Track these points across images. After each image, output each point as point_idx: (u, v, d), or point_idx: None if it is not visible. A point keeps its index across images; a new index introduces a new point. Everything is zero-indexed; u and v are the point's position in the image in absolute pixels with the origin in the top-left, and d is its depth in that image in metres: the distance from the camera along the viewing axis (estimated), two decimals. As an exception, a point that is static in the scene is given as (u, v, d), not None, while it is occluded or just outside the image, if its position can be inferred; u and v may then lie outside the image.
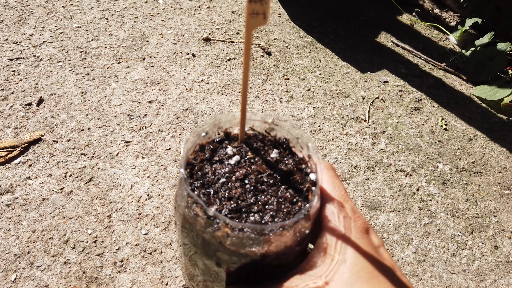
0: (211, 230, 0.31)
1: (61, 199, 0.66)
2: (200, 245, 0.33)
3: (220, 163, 0.36)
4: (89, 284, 0.58)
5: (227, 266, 0.33)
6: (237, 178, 0.34)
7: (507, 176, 0.80)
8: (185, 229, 0.34)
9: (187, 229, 0.34)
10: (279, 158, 0.37)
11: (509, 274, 0.65)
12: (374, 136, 0.84)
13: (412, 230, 0.69)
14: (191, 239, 0.34)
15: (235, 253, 0.31)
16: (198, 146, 0.38)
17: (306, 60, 1.00)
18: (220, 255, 0.32)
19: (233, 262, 0.32)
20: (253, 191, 0.34)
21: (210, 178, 0.35)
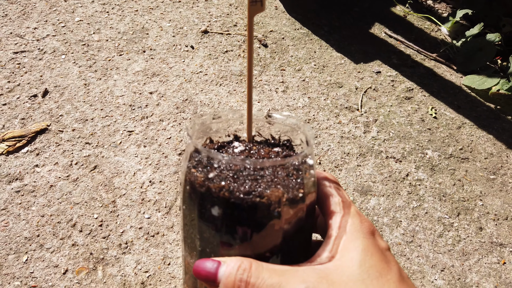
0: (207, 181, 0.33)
1: (67, 185, 0.70)
2: (197, 204, 0.35)
3: (226, 152, 0.39)
4: (96, 264, 0.61)
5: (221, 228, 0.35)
6: (239, 160, 0.37)
7: (493, 162, 0.84)
8: (185, 196, 0.37)
9: (187, 193, 0.36)
10: (280, 151, 0.40)
11: (492, 254, 0.69)
12: (366, 125, 0.88)
13: (401, 213, 0.73)
14: (191, 202, 0.36)
15: (227, 203, 0.33)
16: (208, 140, 0.41)
17: (301, 51, 1.03)
18: (215, 211, 0.34)
19: (226, 219, 0.34)
20: (253, 167, 0.36)
21: (214, 158, 0.38)
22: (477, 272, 0.66)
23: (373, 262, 0.32)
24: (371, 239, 0.35)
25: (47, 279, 0.59)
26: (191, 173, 0.35)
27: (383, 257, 0.33)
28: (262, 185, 0.33)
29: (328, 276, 0.31)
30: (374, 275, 0.31)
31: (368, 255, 0.33)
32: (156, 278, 0.61)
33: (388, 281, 0.31)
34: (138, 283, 0.60)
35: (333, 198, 0.38)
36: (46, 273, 0.59)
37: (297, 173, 0.36)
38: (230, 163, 0.34)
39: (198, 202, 0.35)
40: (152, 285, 0.60)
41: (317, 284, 0.30)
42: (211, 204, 0.34)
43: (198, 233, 0.37)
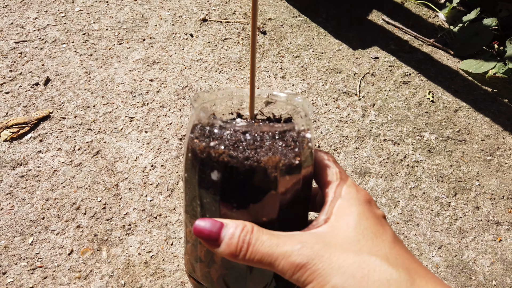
0: (208, 147, 0.35)
1: (71, 170, 0.71)
2: (198, 171, 0.36)
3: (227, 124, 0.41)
4: (100, 245, 0.63)
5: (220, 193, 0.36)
6: (240, 131, 0.38)
7: (489, 144, 0.85)
8: (187, 163, 0.38)
9: (189, 161, 0.38)
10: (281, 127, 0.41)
11: (489, 232, 0.71)
12: (364, 109, 0.89)
13: (399, 193, 0.74)
14: (192, 169, 0.38)
15: (226, 167, 0.34)
16: (212, 116, 0.42)
17: (300, 38, 1.04)
18: (214, 175, 0.35)
19: (225, 184, 0.36)
20: (252, 138, 0.37)
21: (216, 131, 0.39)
22: (473, 249, 0.68)
23: (368, 225, 0.33)
24: (367, 206, 0.36)
25: (52, 259, 0.60)
26: (193, 142, 0.37)
27: (378, 221, 0.35)
28: (260, 152, 0.35)
29: (324, 237, 0.33)
30: (369, 236, 0.32)
31: (364, 219, 0.34)
32: (159, 257, 0.62)
33: (383, 241, 0.32)
34: (142, 262, 0.61)
35: (330, 169, 0.39)
36: (52, 254, 0.61)
37: (295, 143, 0.37)
38: (231, 130, 0.35)
39: (199, 167, 0.36)
40: (155, 264, 0.61)
41: (313, 244, 0.31)
42: (210, 169, 0.35)
43: (198, 199, 0.38)
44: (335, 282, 0.29)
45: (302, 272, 0.30)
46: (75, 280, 0.58)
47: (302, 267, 0.30)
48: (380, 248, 0.31)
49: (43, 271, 0.59)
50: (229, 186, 0.35)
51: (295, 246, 0.31)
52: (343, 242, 0.32)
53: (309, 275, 0.30)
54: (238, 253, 0.33)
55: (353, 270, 0.29)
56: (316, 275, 0.30)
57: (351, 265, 0.29)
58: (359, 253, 0.30)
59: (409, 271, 0.30)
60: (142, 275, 0.60)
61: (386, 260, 0.30)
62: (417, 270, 0.31)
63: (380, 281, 0.28)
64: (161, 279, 0.60)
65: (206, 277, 0.46)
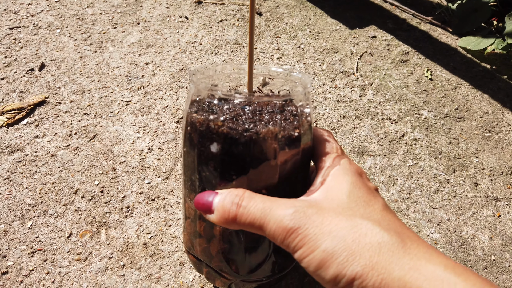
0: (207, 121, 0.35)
1: (68, 154, 0.71)
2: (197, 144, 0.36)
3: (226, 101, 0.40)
4: (99, 228, 0.63)
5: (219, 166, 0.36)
6: (239, 105, 0.38)
7: (488, 120, 0.85)
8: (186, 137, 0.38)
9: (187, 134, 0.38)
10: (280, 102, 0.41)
11: (487, 207, 0.70)
12: (362, 88, 0.88)
13: (397, 171, 0.74)
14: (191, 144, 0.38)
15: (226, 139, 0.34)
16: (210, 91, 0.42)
17: (296, 19, 1.03)
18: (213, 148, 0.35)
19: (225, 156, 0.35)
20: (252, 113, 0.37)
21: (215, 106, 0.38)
22: (472, 225, 0.68)
23: (361, 194, 0.34)
24: (360, 177, 0.36)
25: (52, 242, 0.61)
26: (192, 115, 0.37)
27: (370, 191, 0.35)
28: (259, 125, 0.34)
29: (318, 203, 0.33)
30: (361, 204, 0.33)
31: (356, 188, 0.34)
32: (158, 239, 0.62)
33: (374, 209, 0.33)
34: (141, 244, 0.61)
35: (328, 144, 0.40)
36: (51, 237, 0.61)
37: (294, 117, 0.37)
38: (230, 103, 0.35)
39: (198, 140, 0.36)
40: (154, 245, 0.61)
41: (306, 209, 0.31)
42: (210, 141, 0.35)
43: (197, 173, 0.38)
44: (325, 246, 0.29)
45: (294, 237, 0.30)
46: (75, 262, 0.59)
47: (294, 232, 0.30)
48: (372, 214, 0.31)
49: (42, 254, 0.59)
50: (229, 158, 0.35)
51: (288, 210, 0.31)
52: (336, 207, 0.32)
53: (300, 240, 0.30)
54: (228, 216, 0.33)
55: (345, 233, 0.29)
56: (307, 240, 0.30)
57: (343, 229, 0.29)
58: (352, 218, 0.30)
59: (401, 235, 0.30)
60: (141, 256, 0.60)
61: (378, 224, 0.30)
62: (408, 234, 0.31)
63: (371, 243, 0.28)
64: (160, 260, 0.60)
65: (205, 252, 0.46)
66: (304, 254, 0.30)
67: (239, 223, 0.32)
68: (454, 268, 0.28)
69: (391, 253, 0.28)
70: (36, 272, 0.58)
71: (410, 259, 0.28)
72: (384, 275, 0.27)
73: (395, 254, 0.28)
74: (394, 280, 0.27)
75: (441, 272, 0.27)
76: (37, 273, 0.58)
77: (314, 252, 0.29)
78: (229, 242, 0.42)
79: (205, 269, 0.48)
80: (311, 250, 0.29)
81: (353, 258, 0.28)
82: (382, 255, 0.28)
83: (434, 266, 0.27)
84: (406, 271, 0.27)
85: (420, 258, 0.28)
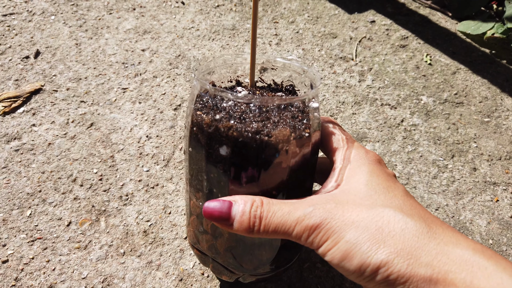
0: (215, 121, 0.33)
1: (65, 143, 0.71)
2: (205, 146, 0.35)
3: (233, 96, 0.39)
4: (98, 216, 0.63)
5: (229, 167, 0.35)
6: (244, 102, 0.37)
7: (487, 105, 0.84)
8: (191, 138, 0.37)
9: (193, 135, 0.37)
10: (284, 96, 0.40)
11: (486, 192, 0.71)
12: (361, 74, 0.87)
13: (396, 157, 0.74)
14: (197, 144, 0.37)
15: (236, 142, 0.33)
16: (211, 84, 0.41)
17: (294, 3, 1.01)
18: (223, 150, 0.34)
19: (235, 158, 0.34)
20: (258, 109, 0.36)
21: (218, 102, 0.37)
22: (470, 210, 0.68)
23: (380, 181, 0.33)
24: (377, 165, 0.35)
25: (51, 231, 0.61)
26: (198, 114, 0.35)
27: (389, 178, 0.34)
28: (269, 125, 0.33)
29: (336, 197, 0.32)
30: (381, 191, 0.32)
31: (374, 176, 0.33)
32: (158, 226, 0.62)
33: (395, 195, 0.32)
34: (141, 231, 0.61)
35: (336, 136, 0.39)
36: (50, 226, 0.61)
37: (303, 114, 0.36)
38: (237, 102, 0.34)
39: (206, 142, 0.35)
40: (154, 233, 0.61)
41: (325, 204, 0.31)
42: (219, 144, 0.34)
43: (205, 174, 0.37)
44: (349, 237, 0.28)
45: (317, 232, 0.30)
46: (75, 250, 0.59)
47: (317, 228, 0.30)
48: (393, 201, 0.31)
49: (42, 243, 0.59)
50: (239, 161, 0.34)
51: (307, 209, 0.31)
52: (355, 198, 0.31)
53: (324, 234, 0.30)
54: (252, 228, 0.32)
55: (367, 223, 0.29)
56: (331, 233, 0.29)
57: (365, 219, 0.29)
58: (372, 207, 0.30)
59: (425, 220, 0.29)
60: (141, 244, 0.60)
61: (401, 210, 0.29)
62: (432, 219, 0.30)
63: (395, 231, 0.28)
64: (160, 247, 0.60)
65: (212, 248, 0.46)
66: (328, 247, 0.30)
67: (263, 233, 0.32)
68: (483, 251, 0.27)
69: (416, 239, 0.27)
70: (36, 261, 0.58)
71: (437, 244, 0.27)
72: (411, 261, 0.27)
73: (421, 240, 0.27)
74: (421, 265, 0.26)
75: (470, 256, 0.26)
76: (38, 262, 0.58)
77: (338, 244, 0.29)
78: (237, 240, 0.41)
79: (211, 264, 0.48)
80: (334, 243, 0.29)
81: (377, 247, 0.27)
82: (407, 241, 0.27)
83: (463, 250, 0.27)
84: (433, 256, 0.27)
85: (447, 243, 0.27)
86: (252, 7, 0.36)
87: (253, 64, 0.38)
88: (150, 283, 0.57)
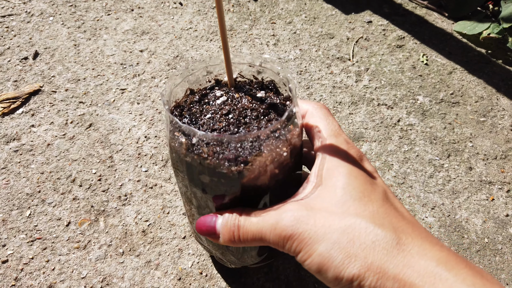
0: (192, 152, 0.33)
1: (64, 143, 0.71)
2: (186, 172, 0.36)
3: (208, 104, 0.39)
4: (97, 216, 0.63)
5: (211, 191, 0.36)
6: (222, 114, 0.37)
7: (483, 105, 0.85)
8: (174, 162, 0.37)
9: (174, 157, 0.37)
10: (264, 97, 0.39)
11: (481, 191, 0.71)
12: (358, 74, 0.88)
13: (392, 157, 0.74)
14: (179, 167, 0.37)
15: (214, 173, 0.33)
16: (189, 90, 0.41)
17: (291, 4, 1.02)
18: (203, 179, 0.35)
19: (215, 185, 0.35)
20: (236, 124, 0.36)
21: (197, 116, 0.38)
22: (466, 209, 0.69)
23: (357, 184, 0.33)
24: (357, 164, 0.35)
25: (51, 231, 0.61)
26: (175, 140, 0.35)
27: (368, 179, 0.34)
28: (246, 151, 0.33)
29: (309, 203, 0.32)
30: (357, 196, 0.32)
31: (352, 178, 0.33)
32: (156, 226, 0.63)
33: (371, 200, 0.32)
34: (139, 231, 0.62)
35: (318, 129, 0.38)
36: (50, 226, 0.62)
37: (282, 129, 0.35)
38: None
39: (186, 169, 0.35)
40: (152, 233, 0.62)
41: (298, 212, 0.31)
42: (199, 172, 0.34)
43: (191, 192, 0.38)
44: (321, 250, 0.29)
45: (291, 243, 0.31)
46: (74, 250, 0.59)
47: (289, 238, 0.31)
48: (367, 208, 0.31)
49: (42, 243, 0.60)
50: (220, 185, 0.35)
51: (279, 217, 0.32)
52: (329, 205, 0.32)
53: (297, 245, 0.30)
54: (233, 238, 0.34)
55: (339, 236, 0.29)
56: (303, 245, 0.30)
57: (337, 231, 0.29)
58: (345, 216, 0.30)
59: (396, 230, 0.30)
60: (140, 244, 0.61)
61: (372, 221, 0.30)
62: (404, 228, 0.31)
63: (366, 243, 0.29)
64: (158, 247, 0.60)
65: (216, 247, 0.47)
66: (303, 258, 0.30)
67: (243, 242, 0.33)
68: (447, 262, 0.28)
69: (385, 252, 0.28)
70: (36, 260, 0.58)
71: (404, 256, 0.28)
72: (380, 275, 0.28)
73: (390, 252, 0.28)
74: (389, 279, 0.27)
75: (434, 268, 0.27)
76: (37, 261, 0.58)
77: (312, 256, 0.30)
78: None
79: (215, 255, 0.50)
80: (308, 255, 0.30)
81: (349, 261, 0.28)
82: (377, 254, 0.28)
83: (427, 261, 0.28)
84: (400, 268, 0.28)
85: (414, 255, 0.28)
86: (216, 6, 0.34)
87: (229, 67, 0.38)
88: (149, 282, 0.57)
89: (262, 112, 0.37)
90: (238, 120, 0.36)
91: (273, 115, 0.37)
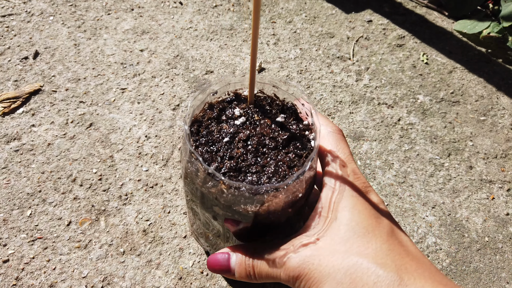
0: (209, 186, 0.33)
1: (65, 143, 0.71)
2: (199, 197, 0.35)
3: (226, 123, 0.38)
4: (98, 215, 0.63)
5: (222, 220, 0.36)
6: (240, 138, 0.36)
7: (483, 104, 0.85)
8: (186, 181, 0.37)
9: (188, 181, 0.37)
10: (284, 122, 0.38)
11: (482, 190, 0.71)
12: (358, 73, 0.88)
13: (393, 156, 0.75)
14: (192, 190, 0.37)
15: (229, 209, 0.33)
16: (207, 105, 0.40)
17: (292, 3, 1.02)
18: (216, 209, 0.35)
19: (228, 218, 0.35)
20: (254, 152, 0.35)
21: (215, 136, 0.37)
22: (467, 208, 0.69)
23: (360, 219, 0.33)
24: (362, 197, 0.35)
25: (51, 230, 0.61)
26: (191, 170, 0.34)
27: (372, 213, 0.34)
28: (263, 189, 0.32)
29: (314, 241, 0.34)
30: (360, 232, 0.32)
31: (356, 213, 0.33)
32: (157, 225, 0.63)
33: (375, 236, 0.32)
34: (140, 231, 0.62)
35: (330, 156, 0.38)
36: (51, 225, 0.62)
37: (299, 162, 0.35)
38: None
39: (200, 196, 0.35)
40: (153, 232, 0.62)
41: (303, 251, 0.33)
42: (212, 203, 0.34)
43: (201, 214, 0.39)
44: None
45: (299, 282, 0.33)
46: (75, 250, 0.59)
47: (297, 278, 0.32)
48: (370, 245, 0.32)
49: (43, 242, 0.60)
50: (233, 219, 0.35)
51: (287, 258, 0.34)
52: (332, 243, 0.33)
53: (305, 284, 0.32)
54: (250, 276, 0.35)
55: (341, 276, 0.30)
56: (311, 284, 0.32)
57: (339, 271, 0.30)
58: (348, 255, 0.31)
59: (398, 269, 0.30)
60: (141, 243, 0.61)
61: (374, 260, 0.31)
62: (406, 266, 0.31)
63: (368, 284, 0.29)
64: (159, 246, 0.61)
65: (213, 244, 0.47)
66: None
67: (259, 280, 0.35)
68: None
69: None
70: (37, 260, 0.58)
71: None
72: None
73: None
74: None
75: None
76: (38, 261, 0.58)
77: None
78: None
79: None
80: None
81: None
82: None
83: None
84: None
85: None
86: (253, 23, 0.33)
87: (252, 83, 0.37)
88: (150, 281, 0.57)
89: (281, 143, 0.36)
90: (257, 149, 0.36)
91: (292, 147, 0.36)
